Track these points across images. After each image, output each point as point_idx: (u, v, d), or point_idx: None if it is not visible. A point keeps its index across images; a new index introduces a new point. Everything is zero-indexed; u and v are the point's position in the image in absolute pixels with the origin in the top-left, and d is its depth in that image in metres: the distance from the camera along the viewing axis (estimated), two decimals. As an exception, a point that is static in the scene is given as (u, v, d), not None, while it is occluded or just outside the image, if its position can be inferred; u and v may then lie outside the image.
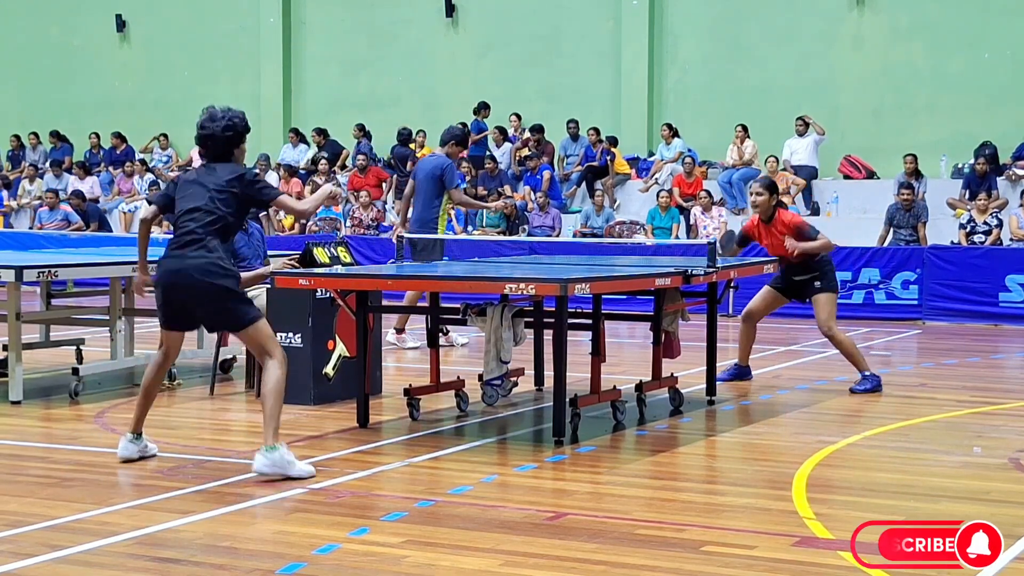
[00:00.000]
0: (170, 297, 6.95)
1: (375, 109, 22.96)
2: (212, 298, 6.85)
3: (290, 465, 6.71)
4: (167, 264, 6.94)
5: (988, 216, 16.69)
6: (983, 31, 19.50)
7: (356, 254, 13.39)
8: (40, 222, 21.47)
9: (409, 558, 5.31)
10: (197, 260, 6.82)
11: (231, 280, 6.89)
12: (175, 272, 6.88)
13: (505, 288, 7.86)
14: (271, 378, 6.84)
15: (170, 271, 6.91)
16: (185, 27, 24.67)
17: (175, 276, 6.88)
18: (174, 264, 6.90)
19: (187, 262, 6.83)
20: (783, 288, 10.27)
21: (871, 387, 9.98)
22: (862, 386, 9.99)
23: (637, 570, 5.16)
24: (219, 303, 6.87)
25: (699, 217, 18.17)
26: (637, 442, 8.11)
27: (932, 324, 15.65)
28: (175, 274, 6.88)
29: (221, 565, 5.21)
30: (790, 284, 10.18)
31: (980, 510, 6.17)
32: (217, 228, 6.89)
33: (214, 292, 6.83)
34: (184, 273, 6.84)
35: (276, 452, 6.70)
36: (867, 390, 9.95)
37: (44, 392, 9.91)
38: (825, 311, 9.97)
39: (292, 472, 6.71)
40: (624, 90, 21.50)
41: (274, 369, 6.85)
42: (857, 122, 20.16)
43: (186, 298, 6.92)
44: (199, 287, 6.82)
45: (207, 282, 6.81)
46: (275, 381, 6.83)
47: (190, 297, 6.90)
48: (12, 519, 5.91)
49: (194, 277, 6.81)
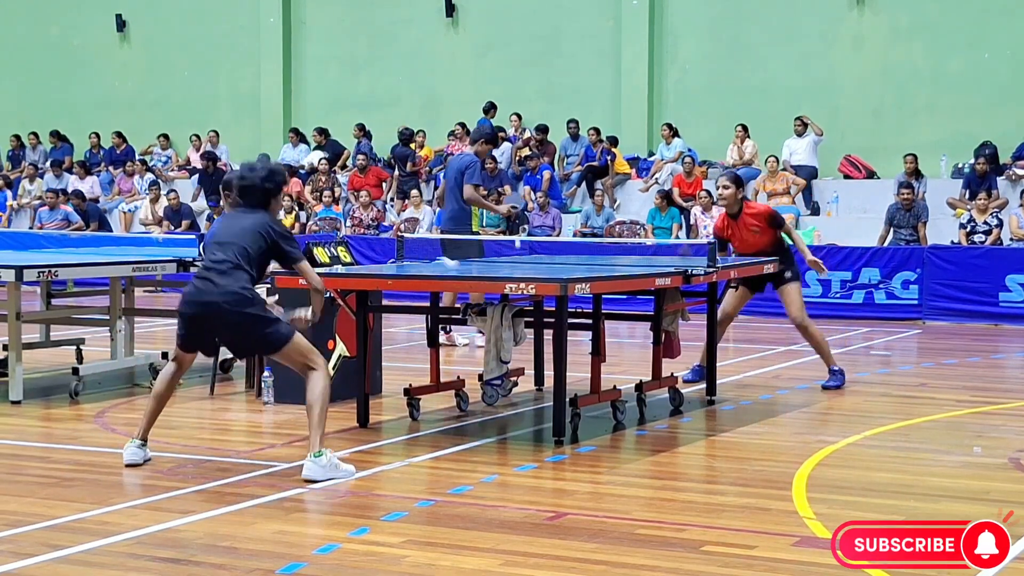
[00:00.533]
0: (194, 326, 7.02)
1: (375, 109, 22.96)
2: (243, 328, 6.90)
3: (336, 468, 6.77)
4: (193, 294, 6.98)
5: (988, 216, 16.69)
6: (983, 31, 19.50)
7: (356, 254, 13.38)
8: (40, 222, 21.47)
9: (409, 558, 5.31)
10: (225, 289, 6.85)
11: (259, 307, 6.93)
12: (202, 304, 6.91)
13: (505, 288, 7.86)
14: (317, 387, 6.88)
15: (196, 302, 6.95)
16: (185, 27, 24.66)
17: (202, 307, 6.92)
18: (201, 295, 6.92)
19: (215, 292, 6.86)
20: (749, 282, 10.16)
21: (839, 383, 10.07)
22: (831, 382, 10.03)
23: (637, 570, 5.16)
24: (250, 331, 6.92)
25: (699, 217, 18.16)
26: (637, 442, 8.12)
27: (932, 324, 15.65)
28: (202, 305, 6.92)
29: (221, 565, 5.21)
30: (757, 277, 10.05)
31: (980, 510, 6.16)
32: (246, 260, 6.94)
33: (244, 322, 6.87)
34: (212, 304, 6.87)
35: (323, 457, 6.74)
36: (836, 386, 10.00)
37: (44, 392, 9.91)
38: (796, 303, 9.96)
39: (338, 474, 6.76)
40: (624, 90, 21.49)
41: (320, 379, 6.91)
42: (857, 122, 20.15)
43: (212, 327, 6.99)
44: (228, 317, 6.87)
45: (236, 312, 6.85)
46: (321, 390, 6.88)
47: (218, 326, 6.96)
48: (12, 519, 5.91)
49: (222, 307, 6.85)
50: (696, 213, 18.27)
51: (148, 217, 21.46)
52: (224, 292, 6.85)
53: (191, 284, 7.07)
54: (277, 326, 6.95)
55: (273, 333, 6.92)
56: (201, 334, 7.08)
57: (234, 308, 6.84)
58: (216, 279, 6.89)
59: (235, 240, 6.98)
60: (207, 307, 6.90)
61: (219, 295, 6.85)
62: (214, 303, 6.87)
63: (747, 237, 9.96)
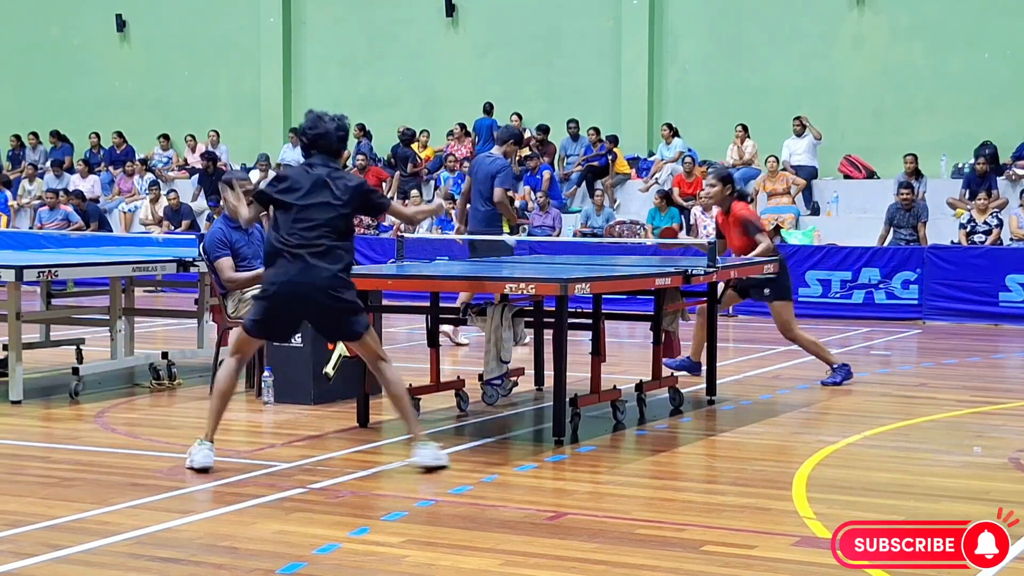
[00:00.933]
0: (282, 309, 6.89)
1: (375, 109, 22.95)
2: (335, 312, 6.89)
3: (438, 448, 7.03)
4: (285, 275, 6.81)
5: (988, 216, 16.69)
6: (983, 31, 19.50)
7: (356, 254, 13.38)
8: (40, 222, 21.47)
9: (409, 558, 5.31)
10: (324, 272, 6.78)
11: (352, 291, 6.96)
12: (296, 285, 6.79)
13: (505, 288, 7.86)
14: (395, 377, 7.05)
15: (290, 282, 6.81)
16: (185, 27, 24.66)
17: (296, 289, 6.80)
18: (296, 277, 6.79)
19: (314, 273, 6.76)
20: (736, 287, 10.18)
21: (842, 379, 10.11)
22: (832, 379, 10.07)
23: (637, 570, 5.16)
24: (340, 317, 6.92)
25: (699, 217, 18.17)
26: (637, 442, 8.12)
27: (932, 324, 15.65)
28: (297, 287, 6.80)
29: (221, 565, 5.21)
30: (742, 283, 10.08)
31: (980, 510, 6.16)
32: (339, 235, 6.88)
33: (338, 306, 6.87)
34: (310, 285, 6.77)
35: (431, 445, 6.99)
36: (837, 383, 10.01)
37: (44, 392, 9.91)
38: (781, 320, 10.00)
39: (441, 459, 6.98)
40: (624, 90, 21.49)
41: (394, 370, 7.07)
42: (857, 122, 20.15)
43: (304, 311, 6.93)
44: (325, 302, 6.82)
45: (334, 297, 6.82)
46: (398, 378, 7.08)
47: (312, 311, 6.91)
48: (12, 519, 5.91)
49: (320, 292, 6.78)
50: (696, 213, 18.27)
51: (148, 217, 21.47)
52: (323, 276, 6.77)
53: (280, 263, 6.83)
54: (362, 315, 7.00)
55: (358, 322, 6.96)
56: (287, 318, 6.97)
57: (333, 293, 6.81)
58: (313, 261, 6.77)
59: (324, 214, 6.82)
60: (302, 290, 6.78)
61: (318, 278, 6.76)
62: (311, 286, 6.76)
63: (732, 237, 9.98)
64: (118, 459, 7.38)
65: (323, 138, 7.03)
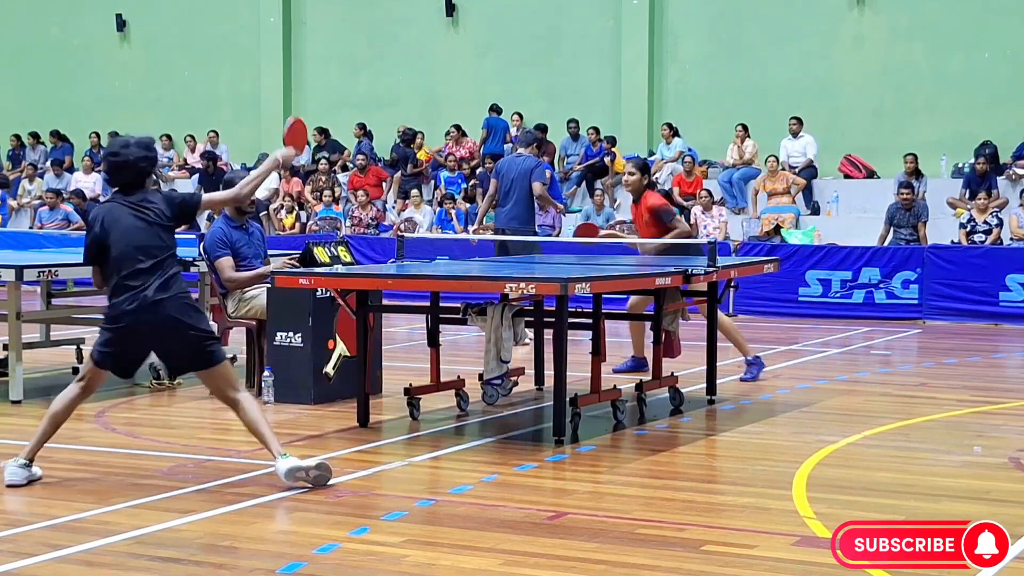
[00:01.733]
0: (131, 339, 6.59)
1: (375, 108, 22.96)
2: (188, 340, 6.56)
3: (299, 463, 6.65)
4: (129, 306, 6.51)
5: (988, 215, 16.69)
6: (983, 31, 19.50)
7: (356, 253, 13.39)
8: (40, 222, 21.47)
9: (409, 557, 5.31)
10: (172, 300, 6.50)
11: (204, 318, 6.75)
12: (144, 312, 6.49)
13: (505, 288, 7.86)
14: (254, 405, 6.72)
15: (136, 311, 6.50)
16: (185, 26, 24.66)
17: (143, 316, 6.49)
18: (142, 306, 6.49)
19: (160, 302, 6.48)
20: None
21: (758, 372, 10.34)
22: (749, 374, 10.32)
23: (637, 569, 5.16)
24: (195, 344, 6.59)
25: (699, 216, 18.16)
26: (637, 441, 8.11)
27: (932, 323, 15.65)
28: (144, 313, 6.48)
29: (221, 564, 5.21)
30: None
31: (981, 510, 6.17)
32: (173, 263, 6.59)
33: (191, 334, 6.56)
34: (158, 315, 6.48)
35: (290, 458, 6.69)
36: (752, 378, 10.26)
37: (44, 391, 9.90)
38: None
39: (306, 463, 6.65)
40: (624, 90, 21.49)
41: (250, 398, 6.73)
42: (857, 122, 20.15)
43: (153, 341, 6.61)
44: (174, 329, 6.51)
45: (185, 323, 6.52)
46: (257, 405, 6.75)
47: (160, 340, 6.58)
48: (12, 518, 5.91)
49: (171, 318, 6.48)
50: (696, 213, 18.27)
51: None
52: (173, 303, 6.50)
53: (127, 295, 6.53)
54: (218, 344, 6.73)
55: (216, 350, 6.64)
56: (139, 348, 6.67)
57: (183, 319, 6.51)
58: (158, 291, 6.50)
59: (154, 242, 6.54)
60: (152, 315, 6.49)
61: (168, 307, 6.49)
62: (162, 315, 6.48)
63: (641, 225, 10.19)
64: (118, 459, 7.39)
65: (124, 168, 6.63)
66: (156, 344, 6.64)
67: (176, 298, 6.54)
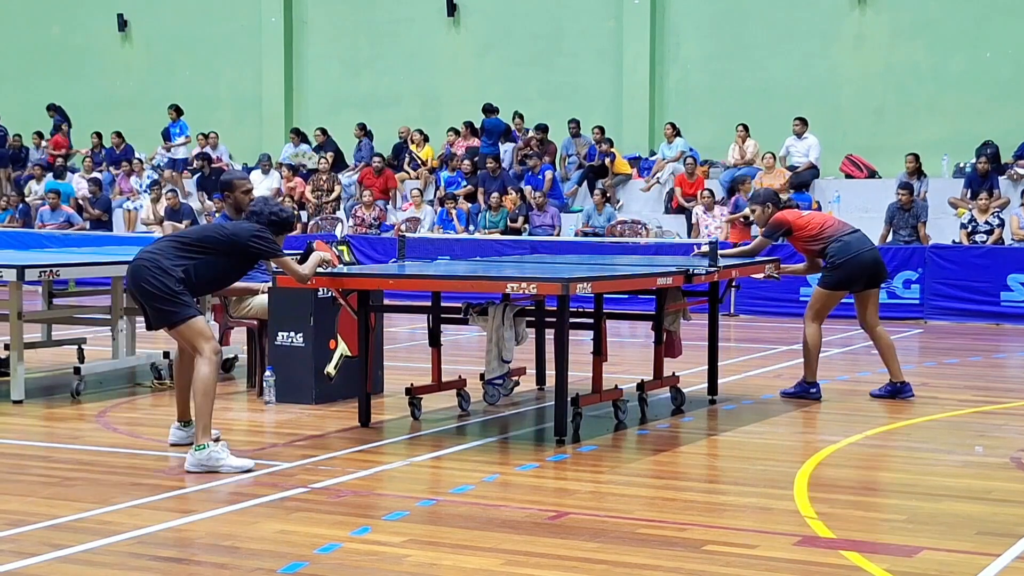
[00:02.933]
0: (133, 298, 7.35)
1: (376, 108, 22.96)
2: (148, 293, 7.08)
3: (219, 461, 6.87)
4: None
5: (990, 215, 16.68)
6: (984, 30, 19.49)
7: (358, 253, 13.39)
8: (42, 221, 21.47)
9: (411, 557, 5.30)
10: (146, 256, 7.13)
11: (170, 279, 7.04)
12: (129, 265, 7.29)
13: (507, 287, 7.86)
14: (199, 375, 7.04)
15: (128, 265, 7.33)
16: (186, 26, 24.67)
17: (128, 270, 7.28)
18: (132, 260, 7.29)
19: (138, 259, 7.17)
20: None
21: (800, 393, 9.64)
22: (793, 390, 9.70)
23: (639, 569, 5.16)
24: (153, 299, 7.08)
25: (701, 216, 18.17)
26: (639, 441, 8.11)
27: (934, 323, 15.65)
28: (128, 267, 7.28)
29: (223, 564, 5.21)
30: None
31: (982, 509, 6.17)
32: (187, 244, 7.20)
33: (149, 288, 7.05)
34: (132, 265, 7.20)
35: (204, 451, 6.89)
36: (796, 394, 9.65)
37: (46, 391, 9.91)
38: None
39: (222, 469, 6.86)
40: (625, 89, 21.49)
41: (202, 366, 7.04)
42: (858, 121, 20.14)
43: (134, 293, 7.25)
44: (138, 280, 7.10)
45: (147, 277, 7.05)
46: (203, 377, 7.01)
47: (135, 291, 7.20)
48: (14, 518, 5.91)
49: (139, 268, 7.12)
50: (698, 213, 18.27)
51: (150, 216, 21.48)
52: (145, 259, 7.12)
53: None
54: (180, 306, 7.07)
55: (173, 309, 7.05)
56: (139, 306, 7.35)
57: (149, 272, 7.04)
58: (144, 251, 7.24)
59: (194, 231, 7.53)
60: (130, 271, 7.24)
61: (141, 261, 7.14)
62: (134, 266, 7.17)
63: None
64: (119, 458, 7.39)
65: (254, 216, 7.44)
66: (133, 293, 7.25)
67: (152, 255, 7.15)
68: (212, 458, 6.86)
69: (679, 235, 18.47)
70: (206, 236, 7.32)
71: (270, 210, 7.40)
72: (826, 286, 9.57)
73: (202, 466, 6.86)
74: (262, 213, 7.37)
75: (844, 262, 9.46)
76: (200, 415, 6.96)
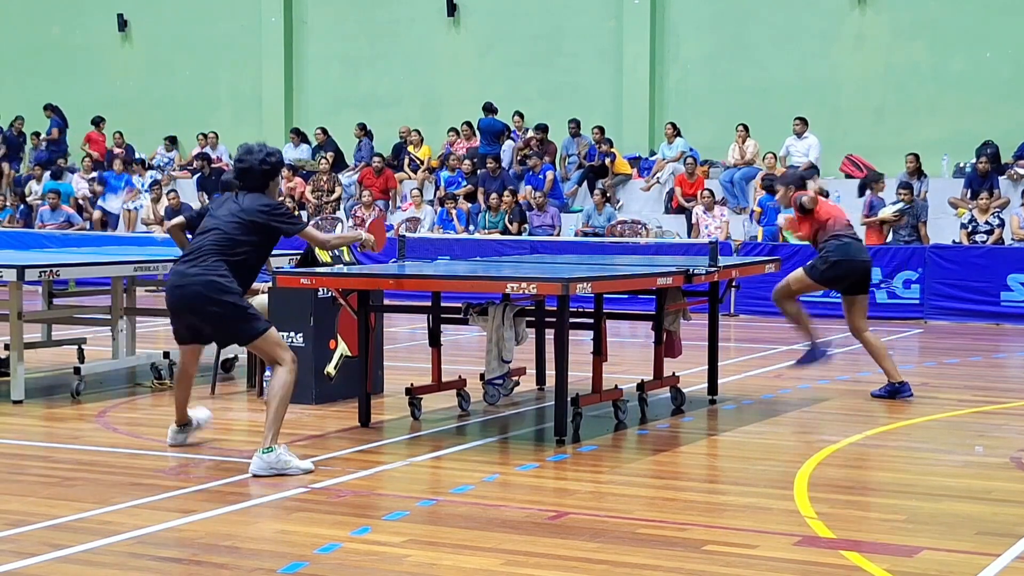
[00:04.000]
0: (178, 315, 7.17)
1: (376, 108, 22.96)
2: (216, 315, 6.97)
3: (286, 464, 6.81)
4: (171, 281, 7.13)
5: (990, 215, 16.68)
6: (985, 30, 19.48)
7: (358, 253, 13.38)
8: (42, 221, 21.47)
9: (411, 557, 5.31)
10: (198, 278, 6.94)
11: (234, 295, 6.96)
12: (178, 288, 7.03)
13: (507, 287, 7.86)
14: (277, 382, 6.99)
15: (174, 287, 7.08)
16: (186, 26, 24.66)
17: (179, 293, 7.03)
18: (177, 280, 7.05)
19: (188, 279, 6.96)
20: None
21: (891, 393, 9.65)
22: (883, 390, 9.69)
23: (639, 569, 5.16)
24: (223, 320, 6.99)
25: (701, 216, 18.16)
26: (639, 441, 8.11)
27: (934, 323, 15.65)
28: (178, 290, 7.03)
29: (223, 564, 5.21)
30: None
31: (982, 509, 6.18)
32: (224, 248, 6.99)
33: (218, 309, 6.94)
34: (187, 290, 6.97)
35: (272, 453, 6.81)
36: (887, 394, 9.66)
37: (46, 391, 9.91)
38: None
39: (289, 470, 6.80)
40: (625, 89, 21.48)
41: (281, 375, 6.99)
42: (858, 121, 20.14)
43: (192, 316, 7.08)
44: (201, 304, 6.96)
45: (210, 298, 6.92)
46: (281, 385, 6.97)
47: (195, 315, 7.05)
48: (14, 518, 5.91)
49: (198, 295, 6.94)
50: (698, 213, 18.27)
51: (150, 216, 21.48)
52: (198, 281, 6.93)
53: (171, 270, 7.23)
54: (252, 320, 7.00)
55: (246, 325, 6.98)
56: (188, 323, 7.17)
57: (209, 295, 6.91)
58: (189, 268, 6.99)
59: (220, 227, 7.06)
60: (185, 295, 6.99)
61: (195, 283, 6.94)
62: (191, 291, 6.95)
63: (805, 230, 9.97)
64: (119, 459, 7.39)
65: (247, 172, 7.19)
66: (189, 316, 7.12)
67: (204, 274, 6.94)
68: (281, 461, 6.81)
69: (679, 235, 18.48)
70: (232, 231, 7.03)
71: (259, 159, 7.13)
72: (813, 277, 9.71)
73: (271, 469, 6.78)
74: (252, 169, 7.11)
75: (838, 261, 9.58)
76: (275, 420, 6.89)
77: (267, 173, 7.16)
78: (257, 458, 6.82)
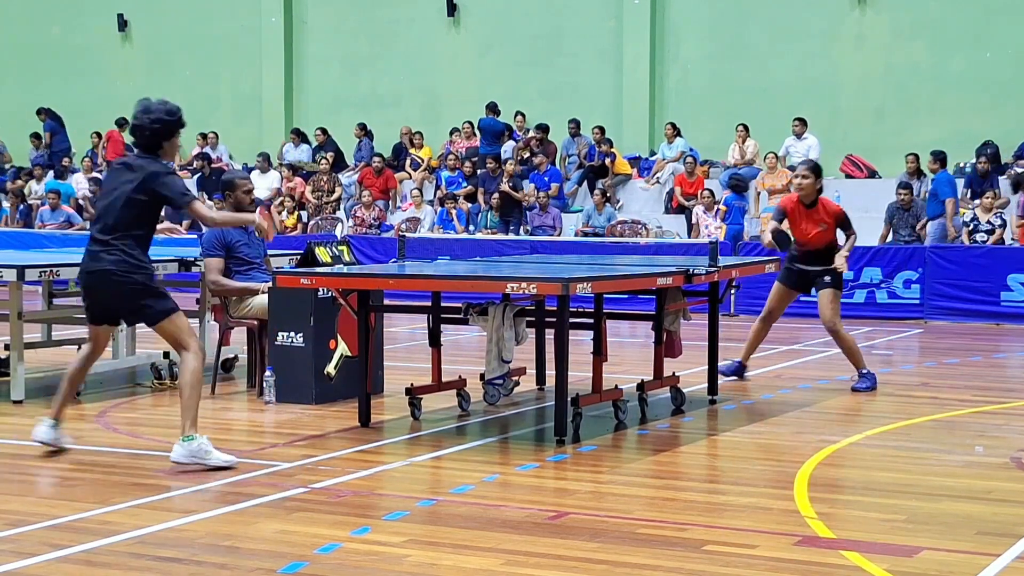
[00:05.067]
0: (91, 297, 7.15)
1: (376, 108, 22.97)
2: (126, 293, 6.97)
3: (207, 454, 6.87)
4: (83, 260, 7.09)
5: (992, 215, 16.69)
6: (985, 30, 19.50)
7: (358, 253, 13.39)
8: (42, 221, 21.48)
9: (411, 557, 5.30)
10: (108, 256, 6.92)
11: (143, 273, 6.97)
12: (90, 266, 7.03)
13: (507, 287, 7.86)
14: (187, 369, 6.98)
15: (84, 266, 7.08)
16: (187, 26, 24.67)
17: (90, 271, 7.03)
18: (88, 259, 7.04)
19: (98, 257, 6.95)
20: (791, 282, 10.17)
21: (869, 385, 9.98)
22: (862, 384, 9.99)
23: (639, 569, 5.16)
24: (132, 297, 6.99)
25: (701, 216, 18.17)
26: (639, 441, 8.11)
27: (934, 323, 15.65)
28: (90, 267, 7.02)
29: (223, 564, 5.21)
30: (799, 274, 10.08)
31: (982, 509, 6.17)
32: (130, 223, 6.94)
33: (129, 287, 6.94)
34: (97, 268, 6.97)
35: (194, 441, 6.87)
36: (867, 388, 9.96)
37: (46, 391, 9.89)
38: (830, 307, 9.92)
39: (210, 461, 6.87)
40: (625, 89, 21.49)
41: (190, 361, 6.98)
42: (859, 121, 20.15)
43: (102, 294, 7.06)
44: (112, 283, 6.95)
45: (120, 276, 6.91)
46: (191, 372, 6.97)
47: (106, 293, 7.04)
48: (14, 518, 5.91)
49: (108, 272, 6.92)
50: (698, 213, 18.27)
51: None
52: (108, 260, 6.91)
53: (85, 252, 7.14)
54: (161, 300, 7.00)
55: (155, 303, 6.98)
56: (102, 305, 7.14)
57: (119, 273, 6.90)
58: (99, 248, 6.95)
59: (117, 201, 6.94)
60: (95, 273, 6.99)
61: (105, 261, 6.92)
62: (101, 268, 6.94)
63: (811, 230, 9.95)
64: (120, 459, 7.39)
65: (137, 131, 7.06)
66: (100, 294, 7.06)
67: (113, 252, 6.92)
68: (202, 450, 6.86)
69: (679, 235, 18.48)
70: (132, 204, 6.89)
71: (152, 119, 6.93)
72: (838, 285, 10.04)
73: (192, 457, 6.85)
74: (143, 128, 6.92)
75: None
76: (189, 407, 6.92)
77: (159, 133, 6.97)
78: (178, 446, 6.89)
